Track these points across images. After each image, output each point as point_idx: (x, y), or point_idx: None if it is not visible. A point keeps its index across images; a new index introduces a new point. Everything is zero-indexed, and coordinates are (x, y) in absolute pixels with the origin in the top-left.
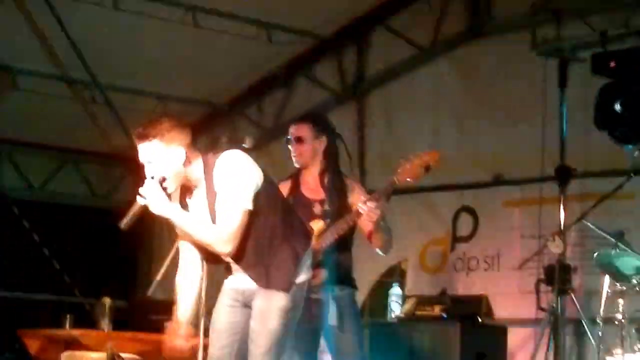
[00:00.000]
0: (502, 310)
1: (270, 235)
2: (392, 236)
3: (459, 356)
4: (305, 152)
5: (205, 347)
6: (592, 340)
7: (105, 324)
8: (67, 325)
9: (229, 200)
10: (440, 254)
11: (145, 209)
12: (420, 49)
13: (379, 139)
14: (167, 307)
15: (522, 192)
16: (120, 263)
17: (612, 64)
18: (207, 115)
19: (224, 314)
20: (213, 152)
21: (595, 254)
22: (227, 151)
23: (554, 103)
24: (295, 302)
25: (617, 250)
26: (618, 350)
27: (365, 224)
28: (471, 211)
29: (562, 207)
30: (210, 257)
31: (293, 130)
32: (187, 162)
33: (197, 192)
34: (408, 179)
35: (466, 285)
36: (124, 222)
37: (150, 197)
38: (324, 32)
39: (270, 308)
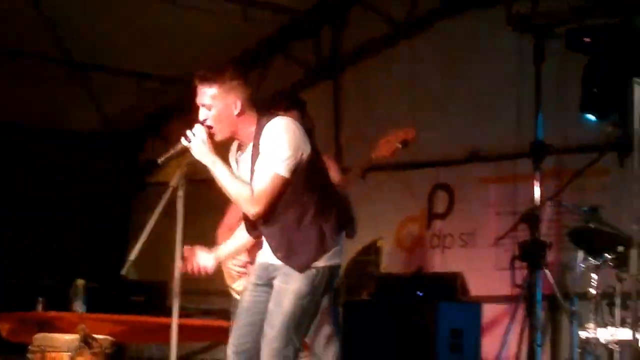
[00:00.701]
0: (477, 287)
1: (301, 211)
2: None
3: (434, 333)
4: None
5: (180, 326)
6: (566, 315)
7: (78, 305)
8: (40, 308)
9: (266, 163)
10: (416, 231)
11: (186, 151)
12: (396, 25)
13: (354, 116)
14: (141, 287)
15: (497, 168)
16: (94, 244)
17: (587, 40)
18: (183, 93)
19: (249, 291)
20: (269, 114)
21: (570, 230)
22: (280, 117)
23: (530, 79)
24: (313, 286)
25: (591, 225)
26: (591, 325)
27: None
28: (447, 188)
29: (537, 183)
30: (248, 223)
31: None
32: (241, 115)
33: (247, 150)
34: (384, 155)
35: (442, 263)
36: (162, 158)
37: (195, 141)
38: (300, 9)
39: (286, 290)
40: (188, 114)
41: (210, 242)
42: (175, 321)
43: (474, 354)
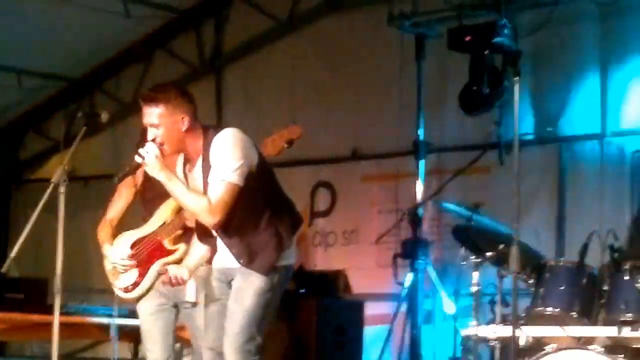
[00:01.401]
0: (360, 284)
1: (257, 216)
2: None
3: (316, 331)
4: None
5: (61, 324)
6: (448, 313)
7: None
8: None
9: (219, 173)
10: None
11: (140, 168)
12: (278, 22)
13: (237, 113)
14: (21, 284)
15: (379, 166)
16: None
17: (468, 38)
18: (63, 89)
19: (214, 297)
20: (214, 127)
21: (451, 228)
22: (227, 128)
23: (412, 77)
24: (273, 285)
25: (472, 223)
26: (473, 322)
27: None
28: (329, 186)
29: (418, 181)
30: (200, 232)
31: None
32: (190, 131)
33: (196, 164)
34: (270, 155)
35: (324, 261)
36: (117, 177)
37: (148, 159)
38: (183, 6)
39: (247, 288)
40: (68, 110)
41: (91, 238)
42: (57, 319)
43: (356, 351)
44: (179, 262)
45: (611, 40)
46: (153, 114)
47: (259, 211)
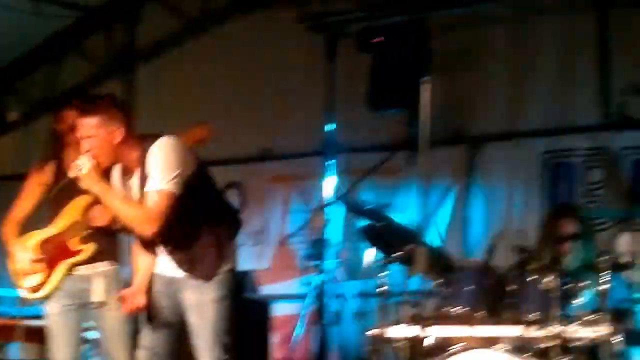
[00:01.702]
0: (268, 285)
1: (196, 223)
2: None
3: None
4: None
5: None
6: (355, 313)
7: None
8: None
9: (155, 183)
10: None
11: (75, 180)
12: (189, 22)
13: (148, 114)
14: None
15: (290, 166)
16: None
17: (377, 39)
18: None
19: (155, 299)
20: (151, 137)
21: (361, 228)
22: (163, 137)
23: (322, 78)
24: (226, 290)
25: (381, 223)
26: (380, 322)
27: None
28: (238, 186)
29: (328, 181)
30: (142, 242)
31: None
32: (125, 141)
33: (133, 174)
34: None
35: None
36: (52, 194)
37: (83, 171)
38: (93, 5)
39: (204, 301)
40: None
41: None
42: None
43: (263, 352)
44: (84, 262)
45: (522, 40)
46: (87, 126)
47: (198, 218)
